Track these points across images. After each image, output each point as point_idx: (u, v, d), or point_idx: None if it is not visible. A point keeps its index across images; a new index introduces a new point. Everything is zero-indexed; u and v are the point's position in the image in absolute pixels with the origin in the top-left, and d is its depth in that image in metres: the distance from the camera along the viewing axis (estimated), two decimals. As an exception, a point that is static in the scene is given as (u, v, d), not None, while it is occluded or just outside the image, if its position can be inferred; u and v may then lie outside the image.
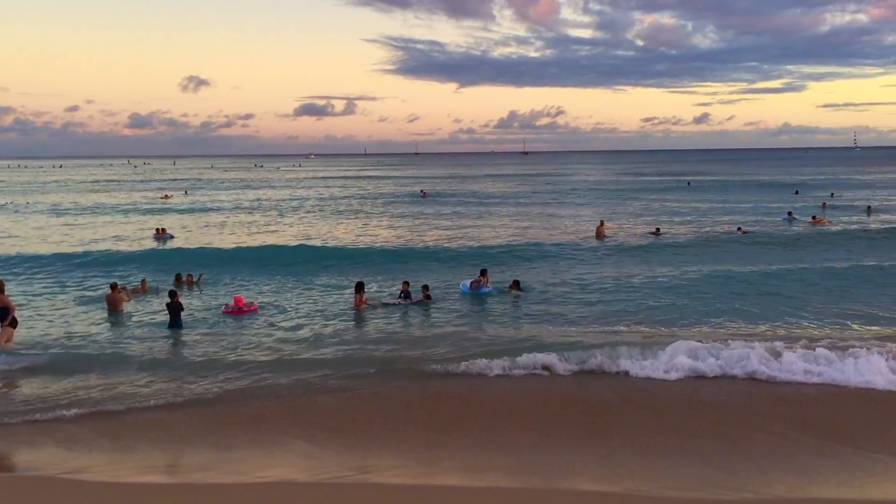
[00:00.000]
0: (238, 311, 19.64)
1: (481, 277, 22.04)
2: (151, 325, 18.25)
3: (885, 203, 53.08)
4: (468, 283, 22.12)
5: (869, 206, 48.14)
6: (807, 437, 10.70)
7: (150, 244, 34.66)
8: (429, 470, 9.63)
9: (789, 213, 42.85)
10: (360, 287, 20.30)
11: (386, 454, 10.28)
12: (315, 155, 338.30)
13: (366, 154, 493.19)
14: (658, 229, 36.54)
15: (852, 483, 9.30)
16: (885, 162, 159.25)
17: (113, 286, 20.51)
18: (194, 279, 24.10)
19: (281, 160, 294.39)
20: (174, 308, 17.99)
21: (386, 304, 20.30)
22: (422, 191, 72.05)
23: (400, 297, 20.64)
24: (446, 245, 32.85)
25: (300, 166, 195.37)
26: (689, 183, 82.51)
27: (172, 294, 18.35)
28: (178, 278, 23.82)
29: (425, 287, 21.15)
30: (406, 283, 21.08)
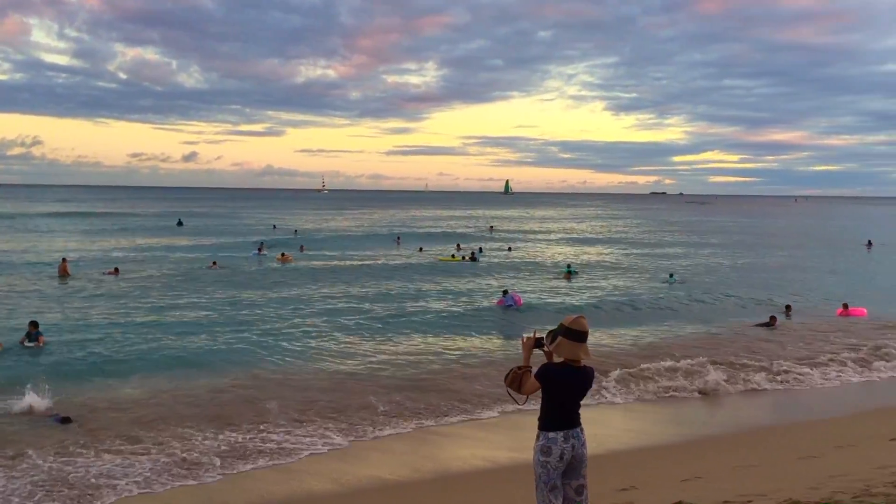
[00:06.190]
0: None
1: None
2: None
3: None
4: None
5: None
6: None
7: None
8: None
9: (259, 250, 47.92)
10: None
11: None
12: None
13: None
14: (117, 269, 37.28)
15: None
16: (350, 205, 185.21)
17: None
18: None
19: None
20: None
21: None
22: None
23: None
24: None
25: None
26: (180, 222, 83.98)
27: None
28: None
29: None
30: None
